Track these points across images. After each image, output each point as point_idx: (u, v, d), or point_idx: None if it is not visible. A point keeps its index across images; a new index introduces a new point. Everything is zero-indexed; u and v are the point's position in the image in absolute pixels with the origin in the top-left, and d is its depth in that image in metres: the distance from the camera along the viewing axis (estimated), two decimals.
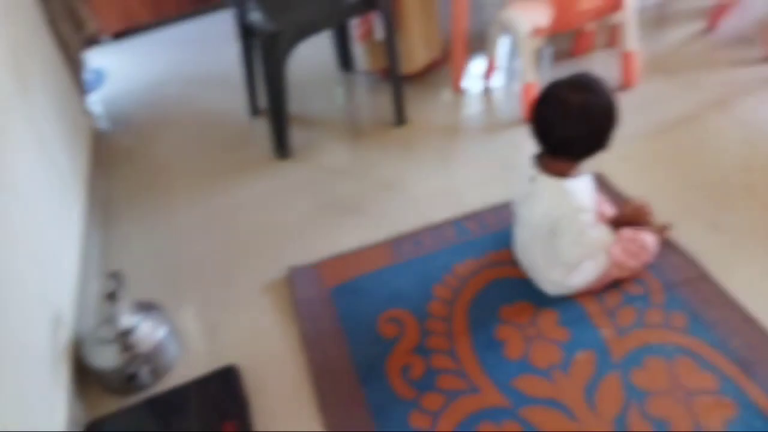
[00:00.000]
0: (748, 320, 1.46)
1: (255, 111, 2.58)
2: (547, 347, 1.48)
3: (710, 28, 2.59)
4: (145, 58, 3.29)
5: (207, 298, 1.79)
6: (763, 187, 1.83)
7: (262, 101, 2.50)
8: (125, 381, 1.48)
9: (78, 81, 2.54)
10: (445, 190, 2.04)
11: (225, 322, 1.70)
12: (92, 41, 3.13)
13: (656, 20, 2.80)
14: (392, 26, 2.20)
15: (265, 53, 2.10)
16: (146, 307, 1.60)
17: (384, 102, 2.42)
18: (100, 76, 3.08)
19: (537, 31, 2.12)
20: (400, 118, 2.37)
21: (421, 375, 1.46)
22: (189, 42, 3.37)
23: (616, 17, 2.20)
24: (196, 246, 1.99)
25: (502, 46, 2.40)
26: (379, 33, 2.38)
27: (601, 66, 2.50)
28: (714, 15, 2.57)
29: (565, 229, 1.43)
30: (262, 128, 2.43)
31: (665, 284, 1.57)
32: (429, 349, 1.52)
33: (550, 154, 1.42)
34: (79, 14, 2.70)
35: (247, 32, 2.31)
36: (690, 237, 1.68)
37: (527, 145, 1.50)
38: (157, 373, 1.53)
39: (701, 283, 1.57)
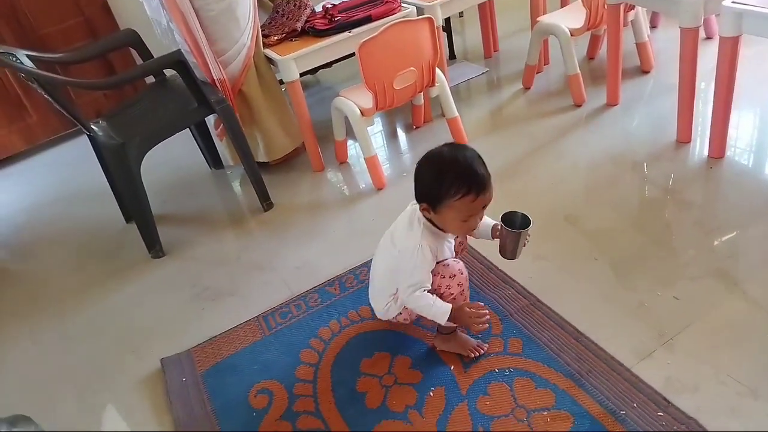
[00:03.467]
0: (576, 335, 1.56)
1: (129, 218, 2.57)
2: (403, 392, 1.52)
3: (526, 87, 2.88)
4: (18, 185, 3.20)
5: (81, 404, 1.71)
6: (582, 217, 2.01)
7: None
8: None
9: None
10: (309, 263, 2.09)
11: (97, 425, 1.63)
12: None
13: (484, 86, 3.09)
14: (236, 125, 2.30)
15: (114, 164, 2.13)
16: (13, 422, 1.51)
17: (252, 191, 2.49)
18: None
19: (365, 112, 2.29)
20: (265, 204, 2.44)
21: None
22: (62, 164, 3.32)
23: (433, 92, 2.42)
24: (70, 355, 1.91)
25: (343, 128, 2.55)
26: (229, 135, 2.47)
27: (436, 132, 2.71)
28: (526, 77, 2.87)
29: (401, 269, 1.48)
30: (136, 234, 2.41)
31: (501, 315, 1.68)
32: (296, 413, 1.52)
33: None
34: None
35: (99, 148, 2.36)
36: (520, 270, 1.81)
37: (378, 210, 1.59)
38: None
39: (533, 309, 1.68)
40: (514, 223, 1.44)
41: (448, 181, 1.33)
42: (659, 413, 1.32)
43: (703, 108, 2.39)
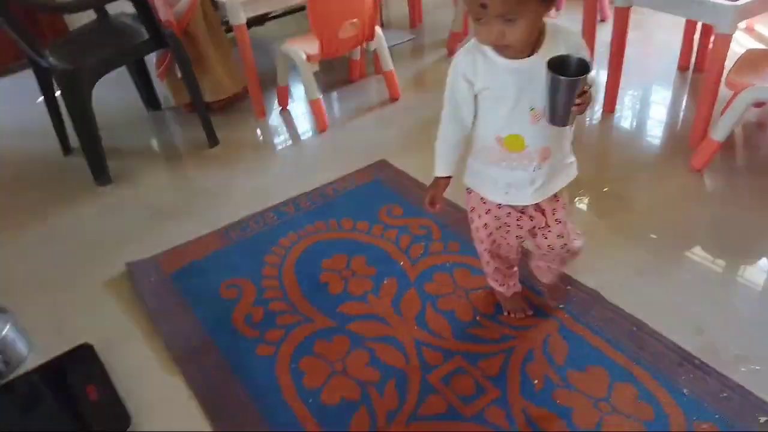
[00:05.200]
0: None
1: (67, 150, 2.57)
2: (361, 281, 1.76)
3: (450, 54, 3.21)
4: None
5: (50, 300, 1.78)
6: None
7: (74, 140, 2.52)
8: None
9: None
10: (260, 189, 2.25)
11: (70, 317, 1.72)
12: None
13: (410, 52, 3.38)
14: (186, 60, 2.40)
15: (67, 90, 2.16)
16: None
17: (195, 131, 2.59)
18: None
19: (310, 57, 2.49)
20: (211, 140, 2.55)
21: (261, 318, 1.65)
22: None
23: (372, 45, 2.66)
24: (31, 262, 1.96)
25: (287, 75, 2.73)
26: (179, 70, 2.56)
27: (372, 87, 2.96)
28: (450, 44, 3.20)
29: None
30: (79, 163, 2.43)
31: (440, 226, 1.96)
32: (266, 299, 1.71)
33: None
34: None
35: (46, 78, 2.36)
36: (455, 192, 2.09)
37: (322, 148, 1.76)
38: (10, 365, 1.51)
39: (466, 221, 1.98)
40: (567, 70, 1.01)
41: None
42: (568, 287, 1.66)
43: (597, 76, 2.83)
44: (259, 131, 2.72)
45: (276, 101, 2.85)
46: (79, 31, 2.44)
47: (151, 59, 2.69)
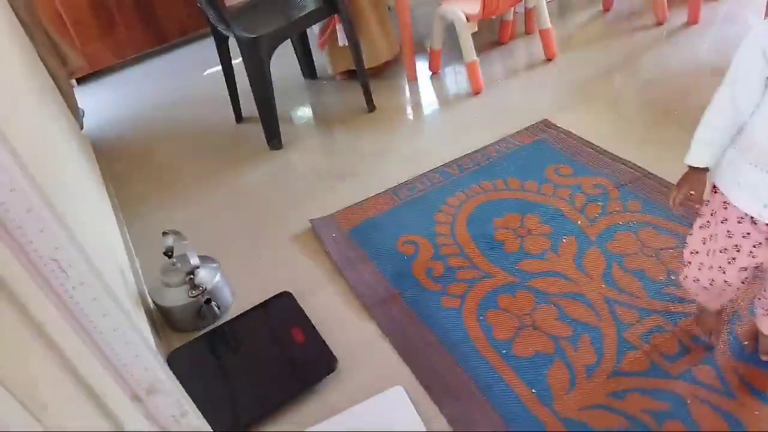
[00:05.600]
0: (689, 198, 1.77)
1: (239, 118, 2.77)
2: (537, 240, 1.74)
3: (606, 9, 3.03)
4: (117, 95, 3.40)
5: (243, 253, 1.94)
6: (674, 109, 2.20)
7: (245, 109, 2.70)
8: (196, 315, 1.62)
9: (73, 109, 2.65)
10: (421, 151, 2.30)
11: (266, 267, 1.87)
12: (73, 76, 3.21)
13: (561, 9, 3.24)
14: (354, 28, 2.48)
15: (249, 58, 2.31)
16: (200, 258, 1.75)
17: (352, 97, 2.68)
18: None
19: (471, 17, 2.46)
20: (370, 105, 2.63)
21: (442, 273, 1.69)
22: (158, 77, 3.52)
23: (531, 1, 2.58)
24: (221, 220, 2.15)
25: (442, 38, 2.72)
26: (341, 39, 2.65)
27: (524, 48, 2.88)
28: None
29: None
30: (251, 129, 2.63)
31: (616, 184, 1.88)
32: (444, 255, 1.75)
33: None
34: (62, 51, 2.82)
35: (225, 48, 2.54)
36: (627, 150, 2.01)
37: (479, 109, 1.74)
38: (220, 310, 1.68)
39: (645, 179, 1.88)
40: None
41: None
42: None
43: None
44: (414, 95, 2.76)
45: (427, 66, 2.87)
46: (248, 6, 2.59)
47: (313, 30, 2.80)
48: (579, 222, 1.77)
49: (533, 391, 1.33)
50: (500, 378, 1.37)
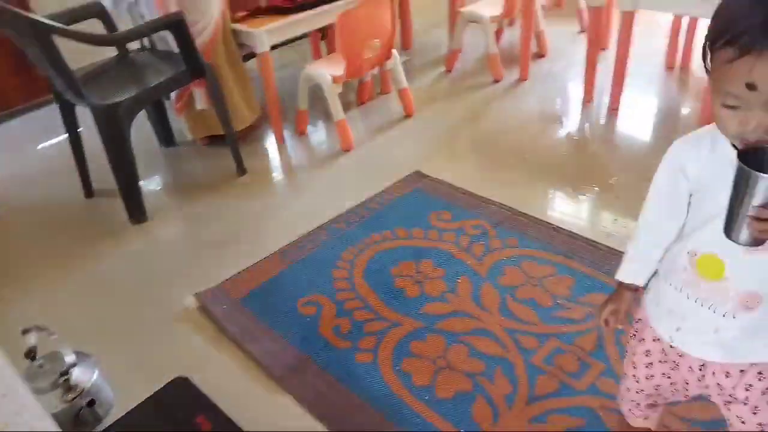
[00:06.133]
0: (557, 229, 1.97)
1: (90, 193, 2.53)
2: (434, 283, 1.80)
3: (448, 70, 3.33)
4: None
5: (121, 341, 1.74)
6: (526, 153, 2.46)
7: (96, 181, 2.49)
8: (74, 421, 1.39)
9: None
10: (301, 211, 2.28)
11: (150, 354, 1.68)
12: None
13: (408, 71, 3.47)
14: (220, 90, 2.44)
15: (106, 126, 2.14)
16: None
17: (218, 162, 2.61)
18: None
19: (336, 79, 2.56)
20: (240, 169, 2.56)
21: (350, 328, 1.66)
22: None
23: (389, 64, 2.76)
24: (88, 307, 1.91)
25: (307, 99, 2.78)
26: (199, 102, 2.58)
27: (384, 106, 3.04)
28: (448, 60, 3.32)
29: None
30: (105, 204, 2.43)
31: (492, 224, 2.03)
32: (348, 310, 1.73)
33: None
34: None
35: (71, 117, 2.35)
36: (494, 192, 2.19)
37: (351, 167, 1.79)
38: (104, 409, 1.47)
39: (517, 217, 2.06)
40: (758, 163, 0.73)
41: (721, 8, 0.76)
42: None
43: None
44: (284, 156, 2.75)
45: (293, 127, 2.89)
46: (100, 68, 2.42)
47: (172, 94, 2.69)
48: (469, 262, 1.87)
49: (461, 431, 1.35)
50: (431, 425, 1.36)
